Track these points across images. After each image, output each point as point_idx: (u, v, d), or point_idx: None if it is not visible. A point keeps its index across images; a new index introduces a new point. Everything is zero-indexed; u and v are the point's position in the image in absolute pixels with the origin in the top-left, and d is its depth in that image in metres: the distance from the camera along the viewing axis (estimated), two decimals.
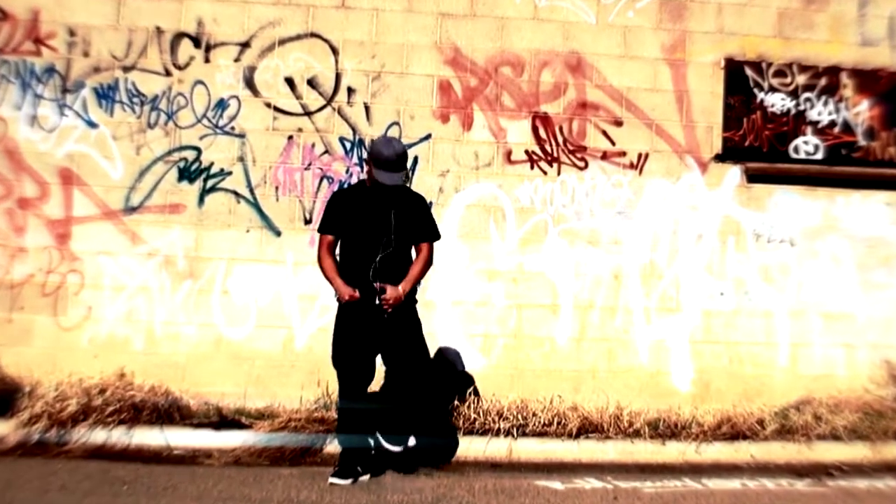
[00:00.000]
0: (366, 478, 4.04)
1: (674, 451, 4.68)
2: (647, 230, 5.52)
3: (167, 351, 5.21)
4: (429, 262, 4.09)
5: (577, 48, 5.54)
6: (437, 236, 4.17)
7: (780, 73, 5.58)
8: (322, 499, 3.75)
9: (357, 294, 3.92)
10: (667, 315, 5.50)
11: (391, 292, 3.92)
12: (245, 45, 5.38)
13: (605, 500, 3.94)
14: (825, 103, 5.58)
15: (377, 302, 3.92)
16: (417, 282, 4.07)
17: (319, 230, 4.14)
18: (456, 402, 4.88)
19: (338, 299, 4.04)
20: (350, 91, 5.41)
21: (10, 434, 4.44)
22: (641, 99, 5.55)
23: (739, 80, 5.54)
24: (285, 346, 5.28)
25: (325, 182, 5.36)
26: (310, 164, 5.38)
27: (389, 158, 3.92)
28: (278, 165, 5.36)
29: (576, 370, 5.39)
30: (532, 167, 5.48)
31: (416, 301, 4.15)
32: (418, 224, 4.09)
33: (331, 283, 4.07)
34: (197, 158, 5.32)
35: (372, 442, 4.15)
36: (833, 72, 5.60)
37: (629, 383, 5.39)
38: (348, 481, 3.95)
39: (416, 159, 5.41)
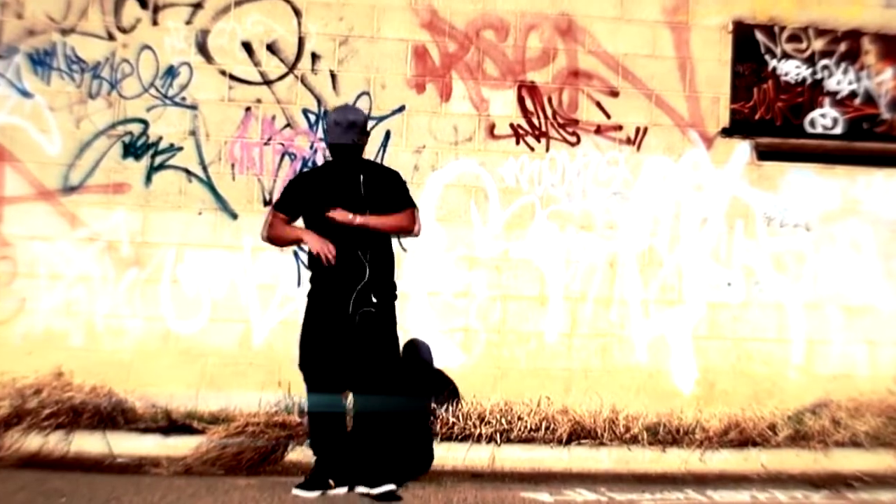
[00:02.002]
0: (341, 491, 3.90)
1: (675, 460, 4.61)
2: (646, 213, 5.43)
3: (110, 347, 5.10)
4: (405, 223, 3.94)
5: (568, 10, 5.43)
6: (414, 205, 4.04)
7: (794, 38, 5.49)
8: None
9: (334, 250, 3.79)
10: (668, 308, 5.41)
11: (339, 214, 3.80)
12: (197, 6, 5.25)
13: None
14: (845, 72, 5.49)
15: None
16: (385, 232, 3.91)
17: (274, 207, 4.11)
18: (432, 405, 4.81)
19: (311, 267, 3.95)
20: (314, 57, 5.29)
21: None
22: (640, 66, 5.45)
23: (749, 45, 5.46)
24: (242, 342, 5.17)
25: (286, 159, 5.26)
26: (270, 139, 5.26)
27: (339, 121, 3.88)
28: (234, 140, 5.25)
29: (566, 369, 5.31)
30: (518, 143, 5.38)
31: (395, 298, 3.99)
32: (394, 195, 3.97)
33: (300, 240, 4.02)
34: (144, 132, 5.20)
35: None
36: (854, 36, 5.51)
37: (625, 384, 5.30)
38: (315, 494, 3.83)
39: (387, 134, 5.33)
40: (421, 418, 4.63)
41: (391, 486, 3.82)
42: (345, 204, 3.84)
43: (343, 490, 3.88)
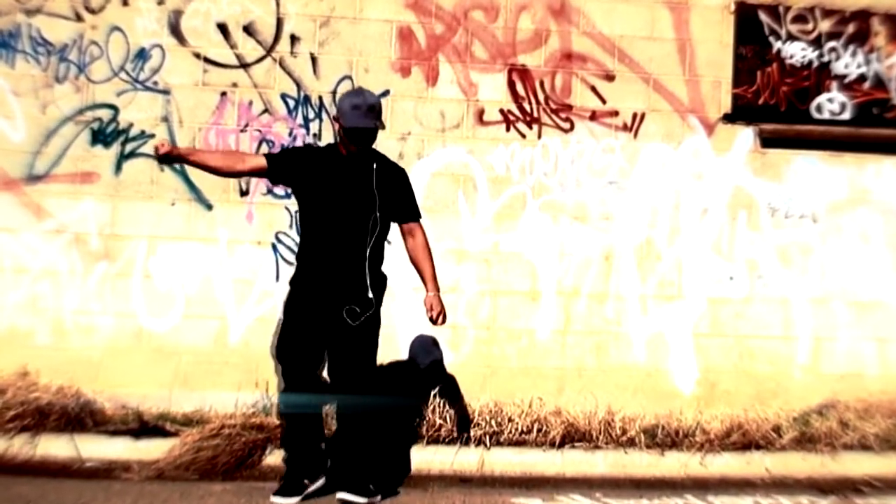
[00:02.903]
0: (317, 484, 3.87)
1: (674, 463, 4.59)
2: (644, 203, 5.42)
3: (78, 345, 5.09)
4: (430, 248, 4.00)
5: None
6: (420, 215, 4.05)
7: (800, 19, 5.48)
8: None
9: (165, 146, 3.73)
10: (666, 303, 5.40)
11: (437, 306, 3.90)
12: None
13: None
14: (853, 54, 5.47)
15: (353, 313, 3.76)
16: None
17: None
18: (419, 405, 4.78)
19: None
20: (294, 39, 5.27)
21: None
22: (637, 49, 5.44)
23: (752, 26, 5.45)
24: (217, 340, 5.16)
25: (264, 146, 5.23)
26: (247, 126, 5.24)
27: (358, 104, 3.76)
28: (209, 127, 5.23)
29: (559, 368, 5.30)
30: (508, 129, 5.37)
31: (381, 304, 3.95)
32: (403, 200, 3.95)
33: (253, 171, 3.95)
34: (113, 118, 5.18)
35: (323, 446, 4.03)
36: (863, 17, 5.49)
37: (622, 383, 5.29)
38: (294, 499, 3.80)
39: None
40: (404, 420, 4.60)
41: (376, 497, 3.77)
42: (354, 194, 3.77)
43: (319, 483, 3.86)
